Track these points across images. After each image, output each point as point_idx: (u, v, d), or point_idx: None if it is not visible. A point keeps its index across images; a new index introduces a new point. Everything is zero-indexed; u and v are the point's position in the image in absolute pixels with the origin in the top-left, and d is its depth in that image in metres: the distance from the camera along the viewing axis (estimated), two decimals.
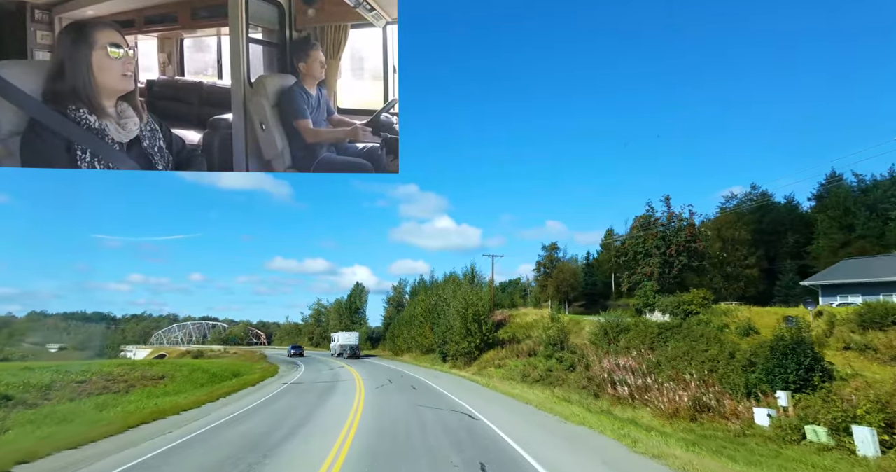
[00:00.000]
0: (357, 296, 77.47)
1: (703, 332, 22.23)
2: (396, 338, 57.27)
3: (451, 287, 44.81)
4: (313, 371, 34.22)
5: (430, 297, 50.15)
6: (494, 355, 32.86)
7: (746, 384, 15.94)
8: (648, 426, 14.50)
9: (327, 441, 11.07)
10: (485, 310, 36.53)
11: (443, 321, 40.59)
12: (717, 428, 14.58)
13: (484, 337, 34.78)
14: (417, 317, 50.23)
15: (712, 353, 19.15)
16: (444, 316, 40.95)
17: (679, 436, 13.17)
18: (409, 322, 53.45)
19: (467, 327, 34.95)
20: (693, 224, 32.31)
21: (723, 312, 25.80)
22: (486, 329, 35.16)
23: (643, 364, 20.85)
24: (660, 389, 18.04)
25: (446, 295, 43.56)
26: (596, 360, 23.77)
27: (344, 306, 76.99)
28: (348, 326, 70.13)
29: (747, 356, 17.13)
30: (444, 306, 42.21)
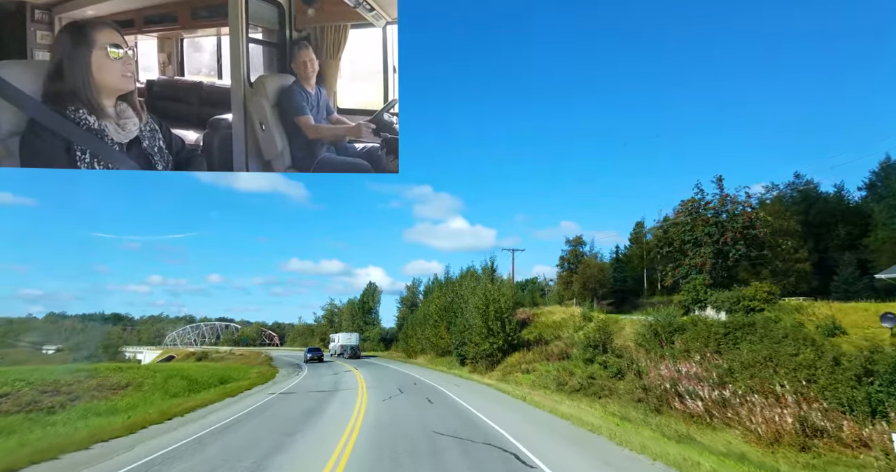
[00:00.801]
0: (370, 296, 75.19)
1: (788, 332, 18.52)
2: (410, 339, 52.82)
3: (468, 283, 40.12)
4: (314, 377, 29.84)
5: (445, 294, 44.72)
6: (520, 358, 28.96)
7: (869, 401, 12.83)
8: (760, 464, 11.00)
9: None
10: (507, 307, 31.90)
11: (460, 320, 36.06)
12: (844, 462, 11.33)
13: (507, 338, 30.64)
14: (432, 316, 44.89)
15: (806, 358, 15.78)
16: (461, 314, 36.56)
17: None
18: (424, 322, 48.50)
19: (489, 327, 30.72)
20: (751, 207, 28.43)
21: (794, 308, 22.38)
22: (510, 329, 30.88)
23: (712, 372, 17.78)
24: (744, 404, 14.87)
25: (464, 292, 39.00)
26: (650, 365, 20.55)
27: (357, 307, 74.73)
28: (361, 326, 69.05)
29: (862, 363, 14.02)
30: (462, 303, 37.69)
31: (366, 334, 68.72)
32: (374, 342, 68.35)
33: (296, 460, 9.63)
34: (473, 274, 42.91)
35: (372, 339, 68.92)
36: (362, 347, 58.83)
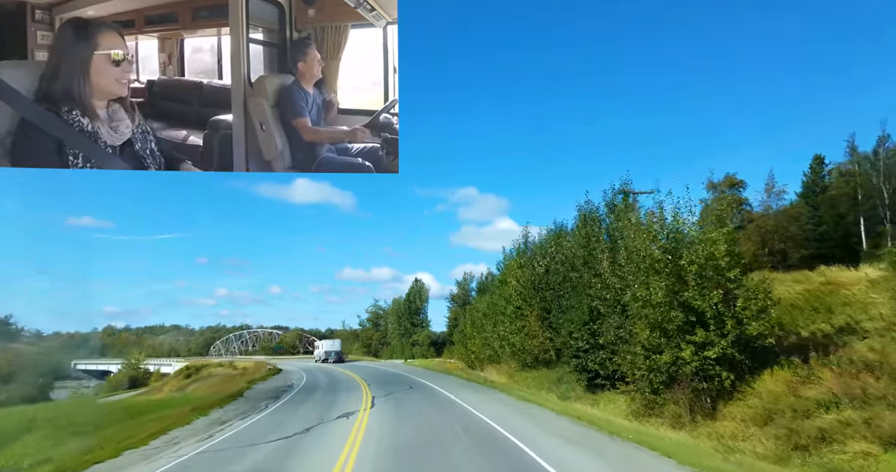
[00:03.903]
0: (417, 295, 65.67)
1: None
2: (469, 341, 34.58)
3: (582, 233, 21.24)
4: (288, 412, 17.57)
5: (535, 260, 26.69)
6: (789, 384, 11.25)
7: None
8: None
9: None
10: (735, 264, 12.79)
11: (579, 306, 18.57)
12: None
13: (740, 335, 12.07)
14: (513, 299, 27.16)
15: None
16: (575, 293, 19.84)
17: None
18: (491, 314, 31.21)
19: (696, 313, 12.37)
20: None
21: None
22: (749, 313, 12.15)
23: None
24: None
25: (576, 252, 21.38)
26: None
27: (403, 307, 66.17)
28: (408, 329, 63.66)
29: None
30: (571, 271, 21.51)
31: (413, 337, 61.58)
32: (423, 347, 59.15)
33: None
34: (594, 218, 21.49)
35: (421, 343, 60.02)
36: (410, 352, 56.53)
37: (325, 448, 11.19)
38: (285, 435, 12.97)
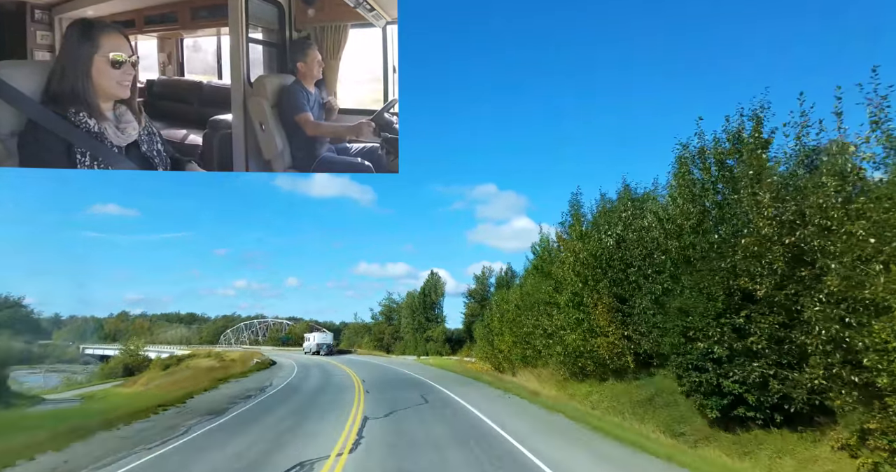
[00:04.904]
0: (432, 289, 62.61)
1: None
2: (496, 338, 29.13)
3: (686, 181, 13.24)
4: (199, 452, 9.07)
5: (599, 228, 19.37)
6: None
7: None
8: None
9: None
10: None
11: (708, 288, 11.18)
12: None
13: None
14: (567, 284, 19.12)
15: None
16: (707, 267, 11.43)
17: None
18: (525, 307, 25.19)
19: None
20: None
21: None
22: None
23: None
24: None
25: (698, 208, 12.77)
26: None
27: (417, 301, 62.80)
28: (422, 323, 61.40)
29: None
30: (692, 236, 12.75)
31: (428, 332, 60.07)
32: (438, 343, 57.40)
33: None
34: (706, 166, 13.03)
35: (436, 339, 58.17)
36: (424, 348, 55.50)
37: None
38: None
